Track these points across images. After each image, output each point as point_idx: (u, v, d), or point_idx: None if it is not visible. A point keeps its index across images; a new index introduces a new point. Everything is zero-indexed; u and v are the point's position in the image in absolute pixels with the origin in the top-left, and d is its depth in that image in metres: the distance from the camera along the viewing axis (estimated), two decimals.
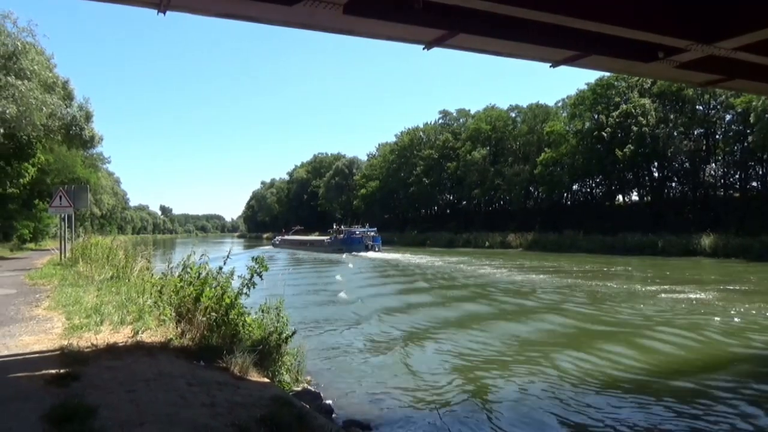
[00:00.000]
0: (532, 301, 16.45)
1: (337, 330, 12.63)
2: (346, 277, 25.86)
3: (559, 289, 19.72)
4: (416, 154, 74.97)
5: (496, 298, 17.64)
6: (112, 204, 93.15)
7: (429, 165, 71.89)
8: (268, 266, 7.17)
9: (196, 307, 6.85)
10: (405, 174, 75.56)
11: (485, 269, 29.46)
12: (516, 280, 23.37)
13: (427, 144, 75.86)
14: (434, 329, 12.48)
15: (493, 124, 64.66)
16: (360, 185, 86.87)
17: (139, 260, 13.36)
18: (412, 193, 73.35)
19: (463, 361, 9.56)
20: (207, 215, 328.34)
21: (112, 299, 8.59)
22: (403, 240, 67.40)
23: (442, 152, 71.26)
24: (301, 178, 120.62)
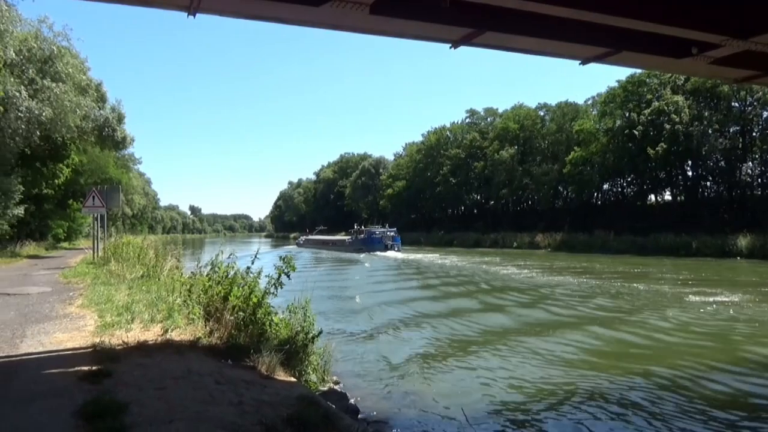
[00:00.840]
0: (562, 307, 16.00)
1: (352, 329, 12.65)
2: (361, 277, 26.28)
3: (588, 291, 19.37)
4: (443, 153, 74.68)
5: (522, 301, 17.30)
6: (143, 204, 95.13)
7: (456, 164, 71.55)
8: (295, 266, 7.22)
9: (225, 306, 6.94)
10: (432, 174, 75.34)
11: (510, 269, 29.19)
12: (543, 281, 23.03)
13: (454, 143, 75.50)
14: (458, 335, 12.37)
15: (521, 123, 64.04)
16: (386, 185, 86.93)
17: (169, 259, 13.60)
18: (438, 192, 73.10)
19: (488, 366, 9.47)
20: (235, 215, 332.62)
21: (143, 298, 8.76)
22: (429, 240, 67.22)
23: (470, 152, 70.85)
24: (328, 178, 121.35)
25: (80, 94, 22.47)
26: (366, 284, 23.18)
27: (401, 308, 15.79)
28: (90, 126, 24.97)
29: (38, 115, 19.38)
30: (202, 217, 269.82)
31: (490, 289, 20.62)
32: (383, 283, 24.27)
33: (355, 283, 23.02)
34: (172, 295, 8.20)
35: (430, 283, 23.60)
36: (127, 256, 14.90)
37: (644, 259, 34.91)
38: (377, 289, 21.54)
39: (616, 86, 50.22)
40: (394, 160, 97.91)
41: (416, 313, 15.03)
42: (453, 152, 72.70)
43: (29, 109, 19.03)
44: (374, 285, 23.04)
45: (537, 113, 64.98)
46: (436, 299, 18.32)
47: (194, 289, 7.64)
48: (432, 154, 77.04)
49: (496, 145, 64.65)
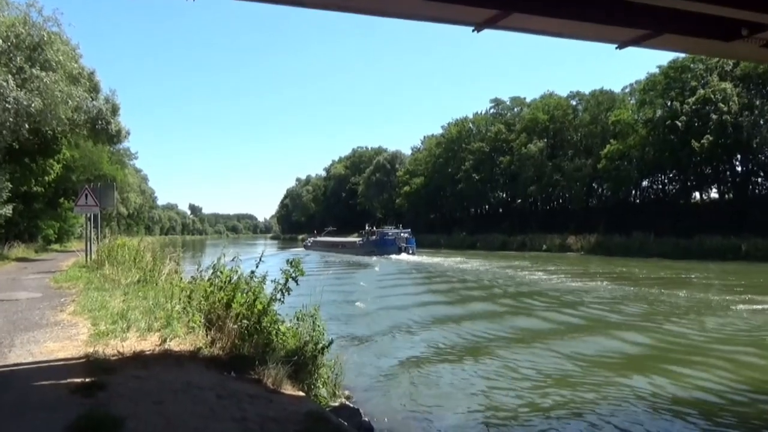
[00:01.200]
0: (596, 315, 15.98)
1: (359, 338, 12.76)
2: (368, 283, 26.43)
3: (624, 299, 19.22)
4: (465, 147, 74.54)
5: (549, 310, 17.19)
6: (140, 203, 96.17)
7: (479, 159, 71.39)
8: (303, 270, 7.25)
9: (227, 313, 6.99)
10: (453, 169, 75.26)
11: (537, 275, 29.13)
12: (574, 288, 22.88)
13: (478, 136, 75.32)
14: (469, 344, 12.41)
15: (551, 113, 63.70)
16: (403, 182, 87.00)
17: (168, 263, 13.71)
18: (460, 190, 72.96)
19: (511, 379, 9.43)
20: (238, 215, 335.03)
21: (139, 304, 8.85)
22: (450, 242, 67.15)
23: (494, 145, 70.64)
24: (339, 175, 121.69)
25: (72, 84, 22.71)
26: (373, 290, 23.39)
27: (409, 317, 15.89)
28: (82, 118, 25.24)
29: (27, 106, 19.61)
30: (203, 217, 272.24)
31: (513, 296, 20.63)
32: (393, 287, 24.39)
33: (361, 290, 23.16)
34: (171, 301, 8.27)
35: (446, 290, 23.71)
36: (123, 259, 15.06)
37: (688, 264, 34.51)
38: (384, 293, 21.68)
39: (656, 72, 49.79)
40: (411, 155, 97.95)
41: (429, 322, 15.18)
42: (476, 146, 72.51)
43: (17, 99, 19.27)
44: (382, 290, 23.23)
45: (568, 103, 64.60)
46: (452, 306, 18.45)
47: (194, 296, 7.70)
48: (453, 147, 76.93)
49: (523, 137, 64.37)
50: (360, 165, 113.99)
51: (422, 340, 12.78)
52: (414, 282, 27.79)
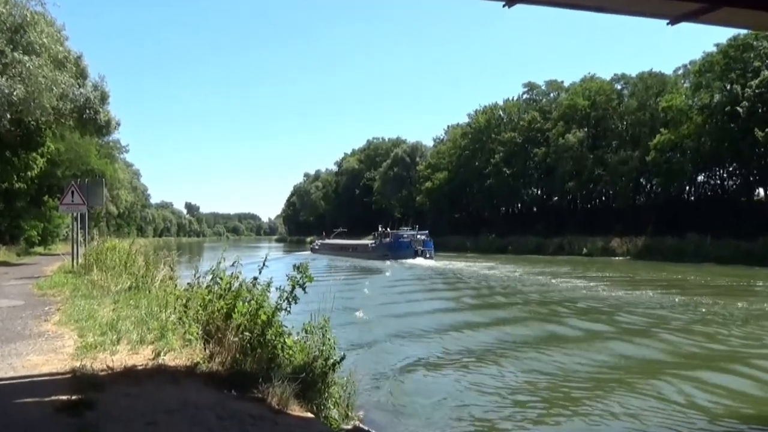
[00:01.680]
0: (650, 336, 15.09)
1: (373, 356, 12.88)
2: (372, 291, 26.62)
3: (680, 311, 19.01)
4: (495, 137, 74.32)
5: (586, 326, 16.85)
6: (131, 201, 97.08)
7: (511, 151, 71.13)
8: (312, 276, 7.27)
9: (227, 325, 7.03)
10: (480, 163, 75.06)
11: (576, 282, 29.03)
12: (617, 300, 22.59)
13: (509, 125, 75.05)
14: (486, 358, 12.44)
15: (592, 99, 63.25)
16: (424, 177, 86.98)
17: (162, 268, 13.83)
18: (489, 186, 72.75)
19: (537, 401, 9.41)
20: (240, 214, 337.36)
21: (131, 314, 8.94)
22: (478, 246, 67.01)
23: (528, 135, 70.35)
24: (352, 169, 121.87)
25: (57, 69, 22.98)
26: (378, 296, 23.62)
27: (414, 328, 16.04)
28: (68, 107, 25.53)
29: (8, 94, 19.88)
30: (201, 217, 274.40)
31: (542, 306, 20.49)
32: (402, 294, 24.53)
33: (364, 298, 23.33)
34: (166, 311, 8.34)
35: (461, 299, 23.70)
36: (112, 263, 15.23)
37: (750, 270, 34.06)
38: (390, 300, 21.80)
39: (714, 52, 49.14)
40: (433, 147, 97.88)
41: (436, 334, 15.33)
42: (507, 136, 72.25)
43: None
44: (389, 297, 23.39)
45: (612, 87, 64.11)
46: (465, 318, 18.32)
47: (191, 304, 7.76)
48: (481, 138, 76.72)
49: (560, 126, 64.02)
50: (376, 158, 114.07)
51: (433, 355, 12.90)
52: (427, 289, 27.83)
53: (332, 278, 33.40)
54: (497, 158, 71.83)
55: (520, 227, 67.60)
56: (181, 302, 8.08)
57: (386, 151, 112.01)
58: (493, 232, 70.36)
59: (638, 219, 53.60)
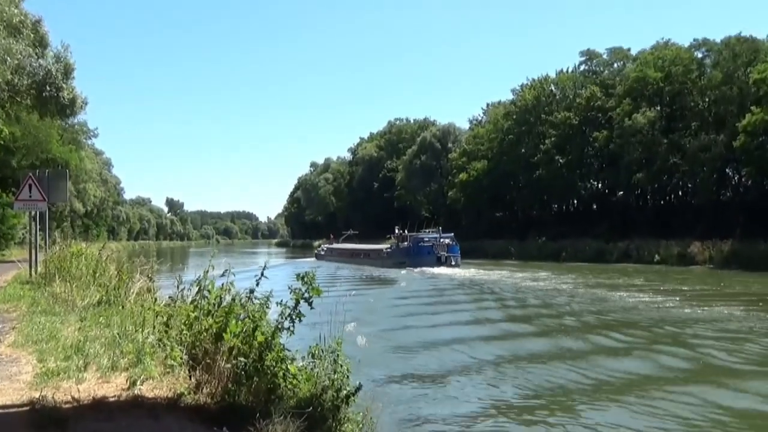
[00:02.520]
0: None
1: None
2: (380, 305, 26.75)
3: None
4: (545, 118, 73.95)
5: (662, 361, 16.07)
6: (101, 197, 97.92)
7: (565, 135, 70.73)
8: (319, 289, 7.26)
9: (217, 348, 7.05)
10: (527, 149, 74.78)
11: (644, 297, 28.74)
12: (708, 323, 22.29)
13: (562, 103, 74.63)
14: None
15: (666, 71, 62.63)
16: (458, 167, 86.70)
17: (138, 278, 13.91)
18: (538, 178, 72.37)
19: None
20: (233, 213, 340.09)
21: (101, 334, 9.00)
22: (524, 251, 66.62)
23: (586, 115, 69.89)
24: (370, 157, 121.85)
25: (10, 36, 23.19)
26: (380, 317, 23.35)
27: (417, 361, 15.96)
28: (25, 82, 25.75)
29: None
30: (185, 216, 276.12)
31: (600, 332, 19.68)
32: (411, 314, 24.29)
33: (362, 318, 22.16)
34: (143, 330, 8.40)
35: (486, 321, 23.30)
36: (78, 272, 15.35)
37: None
38: (394, 317, 21.54)
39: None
40: (469, 130, 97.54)
41: (458, 380, 14.82)
42: (560, 116, 71.85)
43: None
44: (392, 318, 23.29)
45: (692, 55, 63.43)
46: (488, 352, 17.26)
47: (174, 323, 7.80)
48: (528, 119, 76.40)
49: (626, 104, 63.47)
50: (398, 144, 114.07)
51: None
52: (445, 308, 27.22)
53: (331, 291, 33.14)
54: (548, 144, 71.41)
55: (576, 229, 67.10)
56: (162, 320, 8.12)
57: (411, 135, 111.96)
58: (542, 236, 69.91)
59: (724, 218, 52.93)
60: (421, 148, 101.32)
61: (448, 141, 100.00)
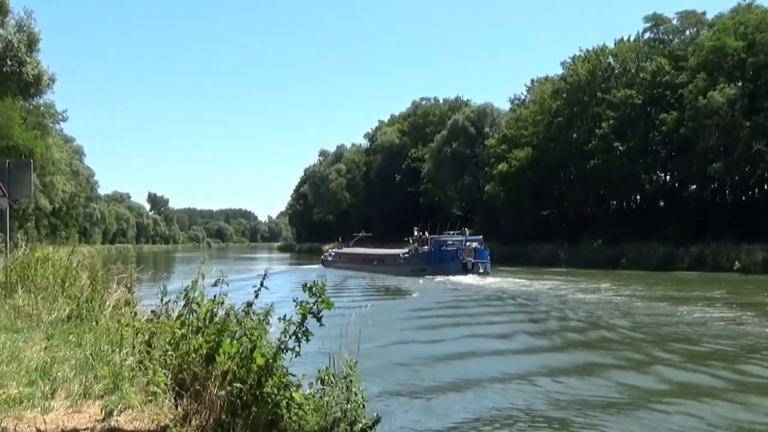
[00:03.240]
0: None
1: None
2: (379, 323, 25.99)
3: None
4: (602, 97, 73.56)
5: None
6: (71, 192, 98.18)
7: (626, 117, 70.34)
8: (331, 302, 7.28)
9: (209, 372, 7.09)
10: (581, 135, 74.51)
11: (715, 313, 28.48)
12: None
13: (623, 78, 74.23)
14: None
15: (749, 39, 62.15)
16: (496, 156, 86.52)
17: (115, 289, 14.00)
18: (593, 169, 72.06)
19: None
20: (228, 211, 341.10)
21: (71, 355, 9.06)
22: (576, 257, 66.45)
23: (651, 93, 69.50)
24: (390, 144, 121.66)
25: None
26: (379, 341, 21.96)
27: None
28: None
29: None
30: (171, 214, 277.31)
31: (665, 362, 19.05)
32: (417, 342, 23.47)
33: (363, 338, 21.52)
34: (120, 350, 8.44)
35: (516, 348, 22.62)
36: (45, 282, 15.44)
37: None
38: (394, 358, 20.97)
39: None
40: (510, 111, 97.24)
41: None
42: (620, 94, 71.44)
43: None
44: (392, 345, 22.55)
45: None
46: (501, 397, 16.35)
47: (157, 342, 7.84)
48: (581, 98, 76.03)
49: (701, 80, 63.05)
50: (425, 128, 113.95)
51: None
52: (461, 329, 26.87)
53: (337, 304, 32.96)
54: (605, 128, 71.06)
55: (638, 230, 66.72)
56: (143, 338, 8.15)
57: (440, 117, 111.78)
58: (598, 238, 69.70)
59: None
60: (452, 133, 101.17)
61: (485, 125, 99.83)
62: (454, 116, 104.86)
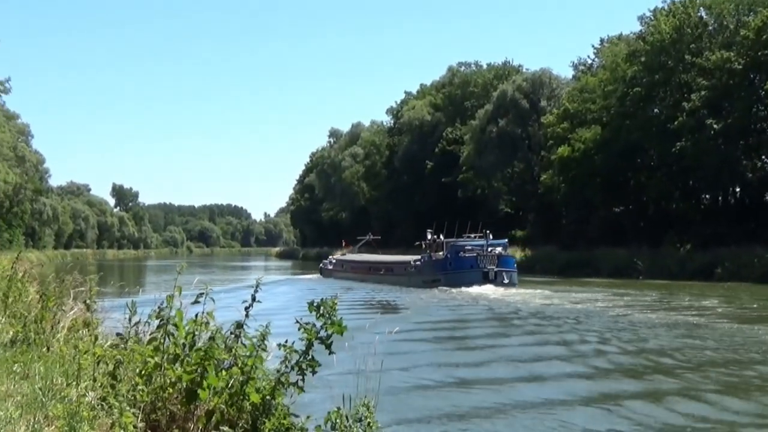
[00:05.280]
0: None
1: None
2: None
3: None
4: (691, 60, 73.21)
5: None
6: (15, 183, 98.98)
7: (721, 87, 69.98)
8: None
9: (190, 411, 7.14)
10: (664, 109, 74.14)
11: None
12: None
13: (718, 37, 73.85)
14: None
15: None
16: (555, 136, 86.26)
17: (71, 305, 14.12)
18: (679, 153, 71.72)
19: None
20: (212, 207, 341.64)
21: (15, 389, 9.15)
22: (658, 264, 66.10)
23: (755, 56, 69.06)
24: (420, 122, 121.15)
25: None
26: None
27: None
28: None
29: None
30: (141, 211, 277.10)
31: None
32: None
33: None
34: (78, 384, 8.51)
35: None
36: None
37: None
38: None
39: None
40: (573, 79, 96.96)
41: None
42: (714, 57, 71.08)
43: None
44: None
45: None
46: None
47: (124, 373, 7.88)
48: (663, 62, 75.61)
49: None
50: (463, 101, 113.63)
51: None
52: (456, 358, 25.71)
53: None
54: (696, 100, 70.71)
55: (738, 231, 66.67)
56: (106, 369, 8.20)
57: (483, 87, 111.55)
58: (686, 241, 69.41)
59: None
60: (498, 107, 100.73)
61: (541, 97, 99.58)
62: (501, 86, 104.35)
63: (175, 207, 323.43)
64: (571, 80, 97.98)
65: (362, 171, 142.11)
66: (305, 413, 7.59)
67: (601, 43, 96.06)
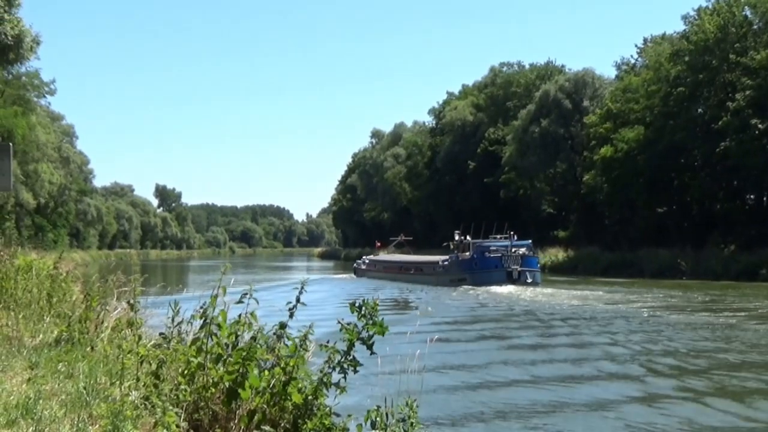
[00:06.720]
0: None
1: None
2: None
3: None
4: (736, 60, 72.59)
5: None
6: (60, 183, 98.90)
7: (766, 85, 69.26)
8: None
9: (232, 410, 7.14)
10: (708, 109, 73.55)
11: None
12: None
13: (764, 36, 73.10)
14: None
15: None
16: (598, 136, 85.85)
17: (114, 306, 14.17)
18: (724, 153, 71.13)
19: None
20: (255, 208, 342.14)
21: (60, 388, 9.18)
22: (702, 265, 65.51)
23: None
24: (462, 122, 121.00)
25: None
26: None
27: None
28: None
29: None
30: (184, 211, 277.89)
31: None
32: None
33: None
34: (121, 384, 8.53)
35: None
36: (27, 297, 15.65)
37: None
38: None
39: None
40: (616, 79, 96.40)
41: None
42: (760, 56, 70.46)
43: None
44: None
45: None
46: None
47: (167, 373, 7.89)
48: (707, 62, 75.01)
49: None
50: (506, 102, 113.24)
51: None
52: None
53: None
54: (740, 100, 70.08)
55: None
56: (149, 368, 8.21)
57: (526, 87, 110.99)
58: (730, 242, 68.83)
59: None
60: (541, 107, 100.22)
61: (584, 97, 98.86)
62: (543, 86, 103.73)
63: (217, 207, 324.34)
64: (614, 80, 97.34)
65: (404, 171, 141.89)
66: (346, 412, 7.56)
67: (644, 42, 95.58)
